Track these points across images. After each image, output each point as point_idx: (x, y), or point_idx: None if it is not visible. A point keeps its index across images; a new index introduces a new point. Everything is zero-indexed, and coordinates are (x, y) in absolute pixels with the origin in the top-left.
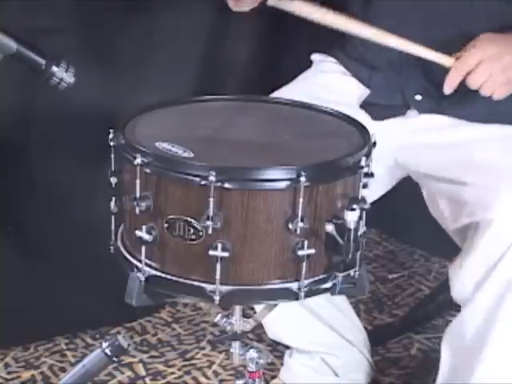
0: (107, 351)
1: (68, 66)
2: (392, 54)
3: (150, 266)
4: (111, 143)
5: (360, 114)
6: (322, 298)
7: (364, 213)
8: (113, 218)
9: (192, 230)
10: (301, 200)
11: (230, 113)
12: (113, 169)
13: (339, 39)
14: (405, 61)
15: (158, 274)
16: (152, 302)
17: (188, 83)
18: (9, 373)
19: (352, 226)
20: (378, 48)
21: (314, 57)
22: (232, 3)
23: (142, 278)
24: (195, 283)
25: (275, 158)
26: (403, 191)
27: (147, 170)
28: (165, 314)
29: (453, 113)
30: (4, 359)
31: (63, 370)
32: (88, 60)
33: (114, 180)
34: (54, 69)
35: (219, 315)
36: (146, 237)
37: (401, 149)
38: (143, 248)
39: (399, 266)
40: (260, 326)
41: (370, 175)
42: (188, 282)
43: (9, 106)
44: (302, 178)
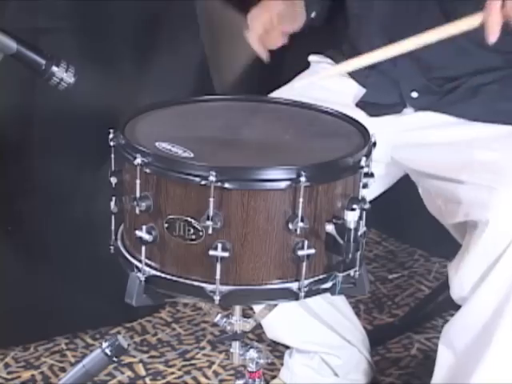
0: (107, 351)
1: (68, 66)
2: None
3: (150, 266)
4: (111, 143)
5: (356, 113)
6: (321, 298)
7: (364, 213)
8: (113, 217)
9: (192, 230)
10: (301, 200)
11: (230, 113)
12: (113, 169)
13: (336, 40)
14: (400, 58)
15: (158, 273)
16: (152, 302)
17: (188, 83)
18: (9, 373)
19: (352, 225)
20: (372, 47)
21: (312, 58)
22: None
23: (142, 278)
24: (195, 283)
25: (275, 158)
26: (403, 191)
27: (147, 170)
28: (165, 314)
29: (450, 111)
30: (4, 359)
31: (63, 370)
32: (88, 60)
33: (114, 180)
34: (54, 69)
35: (219, 315)
36: (146, 237)
37: (397, 146)
38: (143, 248)
39: (399, 265)
40: (260, 326)
41: (370, 175)
42: (188, 281)
43: (9, 106)
44: (302, 178)
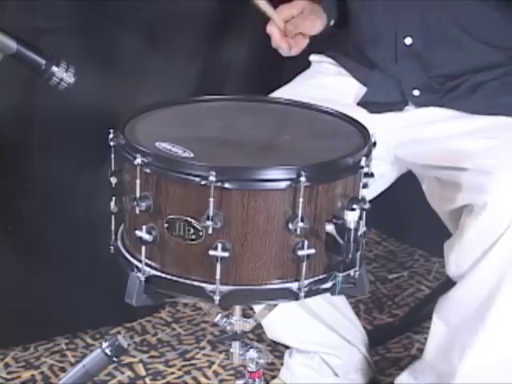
0: (107, 351)
1: (68, 66)
2: (389, 50)
3: (150, 266)
4: (111, 143)
5: (357, 112)
6: (321, 298)
7: (364, 213)
8: (113, 217)
9: (192, 230)
10: (301, 200)
11: (230, 113)
12: (113, 169)
13: (338, 39)
14: (402, 56)
15: (158, 273)
16: (152, 302)
17: (188, 83)
18: (9, 373)
19: (352, 226)
20: (374, 44)
21: (312, 57)
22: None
23: (142, 278)
24: (195, 283)
25: (275, 158)
26: (403, 191)
27: (147, 170)
28: (165, 314)
29: (452, 106)
30: (4, 359)
31: (63, 370)
32: (88, 60)
33: (114, 180)
34: (54, 69)
35: (219, 315)
36: (146, 237)
37: (399, 144)
38: (143, 248)
39: (399, 265)
40: (260, 326)
41: (370, 175)
42: (188, 281)
43: (9, 106)
44: (302, 178)
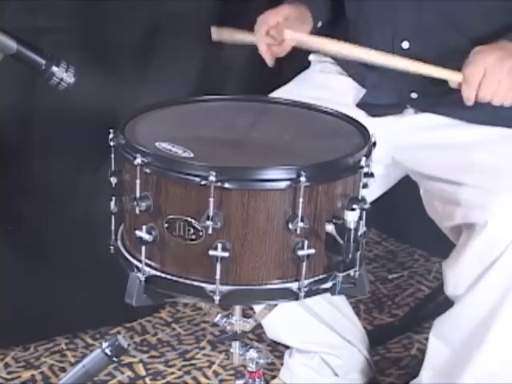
0: (107, 351)
1: (68, 66)
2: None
3: (150, 266)
4: (111, 143)
5: (356, 113)
6: (321, 297)
7: (364, 213)
8: (113, 218)
9: (192, 230)
10: (301, 200)
11: (230, 113)
12: (113, 169)
13: (337, 39)
14: None
15: (158, 273)
16: (152, 302)
17: (188, 83)
18: (9, 373)
19: (352, 226)
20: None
21: (312, 57)
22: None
23: (142, 278)
24: (195, 283)
25: (275, 158)
26: (403, 191)
27: (147, 170)
28: (165, 314)
29: (451, 114)
30: (4, 359)
31: (63, 370)
32: (88, 60)
33: (114, 180)
34: (54, 69)
35: (219, 315)
36: (146, 237)
37: (398, 147)
38: (143, 248)
39: (399, 265)
40: (260, 326)
41: (370, 175)
42: (188, 281)
43: (9, 106)
44: (302, 178)
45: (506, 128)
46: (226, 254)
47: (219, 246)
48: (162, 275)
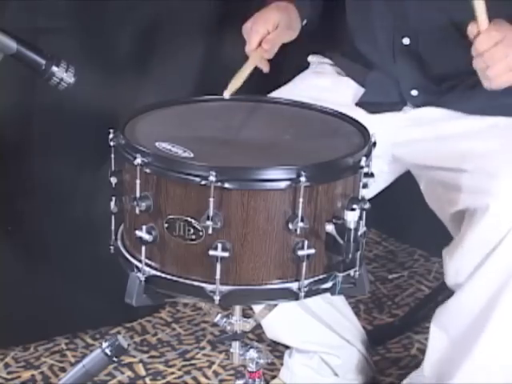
0: (107, 351)
1: (68, 66)
2: (387, 50)
3: (150, 266)
4: (111, 143)
5: (356, 112)
6: (321, 298)
7: (364, 213)
8: (113, 217)
9: (192, 230)
10: (301, 200)
11: (230, 113)
12: (113, 169)
13: (337, 40)
14: (400, 56)
15: (158, 273)
16: (152, 302)
17: (188, 83)
18: (9, 373)
19: (352, 226)
20: (373, 44)
21: (311, 58)
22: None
23: (142, 278)
24: (195, 283)
25: (275, 158)
26: (403, 191)
27: (147, 170)
28: (165, 314)
29: (451, 106)
30: (4, 359)
31: (63, 370)
32: (88, 60)
33: (114, 180)
34: (54, 69)
35: (219, 315)
36: (146, 237)
37: (398, 143)
38: (143, 248)
39: (399, 265)
40: (260, 325)
41: (370, 175)
42: (188, 281)
43: (9, 106)
44: (302, 178)
45: (504, 117)
46: (226, 254)
47: (219, 245)
48: (162, 275)
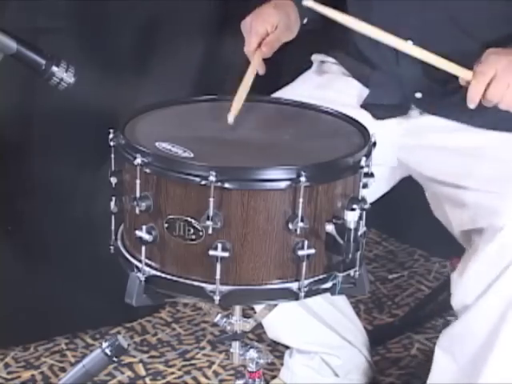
0: (107, 351)
1: (68, 66)
2: (390, 51)
3: (150, 266)
4: (111, 143)
5: (361, 114)
6: (322, 298)
7: (364, 213)
8: (113, 217)
9: (192, 230)
10: (301, 200)
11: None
12: (113, 169)
13: (339, 39)
14: (403, 58)
15: (158, 273)
16: (152, 302)
17: (188, 83)
18: (9, 373)
19: (352, 226)
20: (376, 45)
21: (314, 57)
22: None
23: (142, 278)
24: (195, 283)
25: (275, 158)
26: (403, 191)
27: (147, 170)
28: (165, 314)
29: (455, 117)
30: (4, 359)
31: (63, 370)
32: (88, 60)
33: (114, 180)
34: (54, 69)
35: (219, 315)
36: (146, 237)
37: (404, 149)
38: (143, 248)
39: (399, 265)
40: (260, 326)
41: (370, 175)
42: (188, 281)
43: (9, 106)
44: (302, 178)
45: (508, 133)
46: (226, 254)
47: (219, 245)
48: (162, 275)
